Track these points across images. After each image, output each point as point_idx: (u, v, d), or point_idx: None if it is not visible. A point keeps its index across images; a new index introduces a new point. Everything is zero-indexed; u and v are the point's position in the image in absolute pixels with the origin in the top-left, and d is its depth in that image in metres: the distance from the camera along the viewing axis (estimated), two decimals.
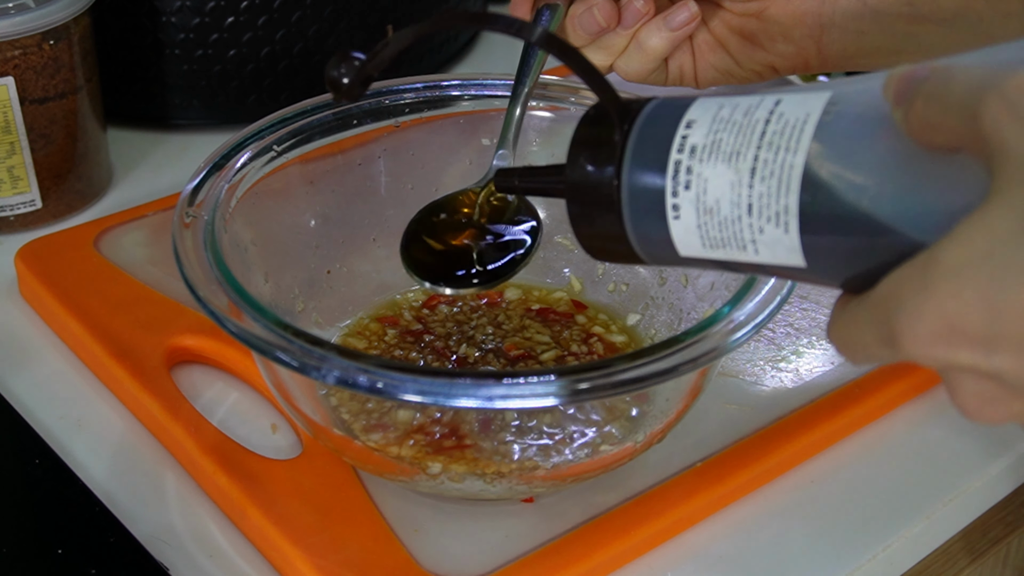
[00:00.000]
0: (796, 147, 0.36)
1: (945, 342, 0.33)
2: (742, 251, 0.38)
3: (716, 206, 0.38)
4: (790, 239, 0.37)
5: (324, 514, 0.52)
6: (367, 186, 0.61)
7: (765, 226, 0.37)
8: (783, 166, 0.36)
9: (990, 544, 0.64)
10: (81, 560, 0.51)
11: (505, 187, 0.49)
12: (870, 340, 0.36)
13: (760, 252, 0.38)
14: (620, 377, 0.45)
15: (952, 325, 0.33)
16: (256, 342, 0.46)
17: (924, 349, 0.34)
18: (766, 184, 0.37)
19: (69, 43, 0.68)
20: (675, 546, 0.53)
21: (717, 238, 0.38)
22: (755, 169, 0.37)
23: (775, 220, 0.37)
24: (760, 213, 0.37)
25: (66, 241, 0.67)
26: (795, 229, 0.37)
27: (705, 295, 0.58)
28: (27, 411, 0.59)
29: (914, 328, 0.34)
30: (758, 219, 0.37)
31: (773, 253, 0.38)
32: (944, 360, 0.34)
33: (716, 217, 0.38)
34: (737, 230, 0.38)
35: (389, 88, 0.61)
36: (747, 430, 0.58)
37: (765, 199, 0.37)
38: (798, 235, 0.37)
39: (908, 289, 0.34)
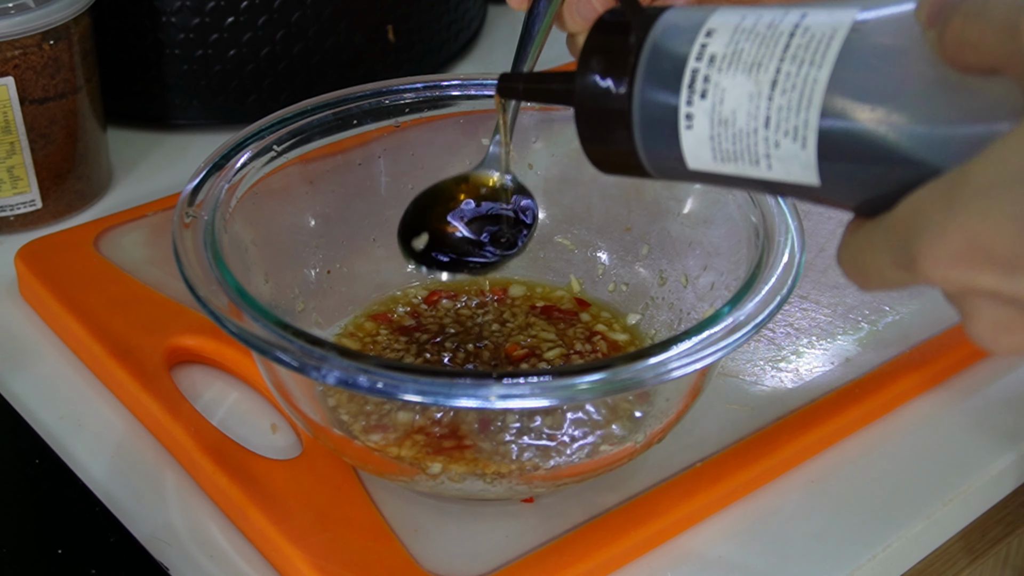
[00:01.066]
0: (821, 61, 0.35)
1: (967, 263, 0.32)
2: (754, 166, 0.37)
3: (732, 117, 0.37)
4: (807, 155, 0.36)
5: (324, 514, 0.52)
6: (367, 186, 0.61)
7: (782, 140, 0.36)
8: (806, 80, 0.36)
9: (990, 544, 0.64)
10: (81, 560, 0.51)
11: (509, 91, 0.48)
12: (885, 263, 0.35)
13: (773, 167, 0.37)
14: (620, 377, 0.45)
15: (977, 246, 0.32)
16: (256, 342, 0.46)
17: (945, 271, 0.33)
18: (787, 97, 0.36)
19: (69, 43, 0.68)
20: (675, 546, 0.53)
21: (730, 151, 0.38)
22: (776, 81, 0.36)
23: (793, 134, 0.36)
24: (778, 127, 0.36)
25: (66, 241, 0.67)
26: (813, 145, 0.36)
27: (705, 295, 0.58)
28: (27, 411, 0.59)
29: (936, 248, 0.33)
30: (775, 133, 0.36)
31: (787, 169, 0.37)
32: (965, 283, 0.33)
33: (731, 128, 0.37)
34: (752, 143, 0.37)
35: (389, 88, 0.61)
36: (747, 430, 0.58)
37: (784, 112, 0.36)
38: (815, 152, 0.36)
39: (932, 208, 0.33)
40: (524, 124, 0.63)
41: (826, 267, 0.69)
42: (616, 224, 0.63)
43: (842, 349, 0.63)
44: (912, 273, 0.34)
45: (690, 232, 0.60)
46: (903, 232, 0.34)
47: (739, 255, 0.55)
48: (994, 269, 0.32)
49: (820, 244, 0.70)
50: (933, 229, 0.33)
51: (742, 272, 0.53)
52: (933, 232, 0.33)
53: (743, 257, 0.54)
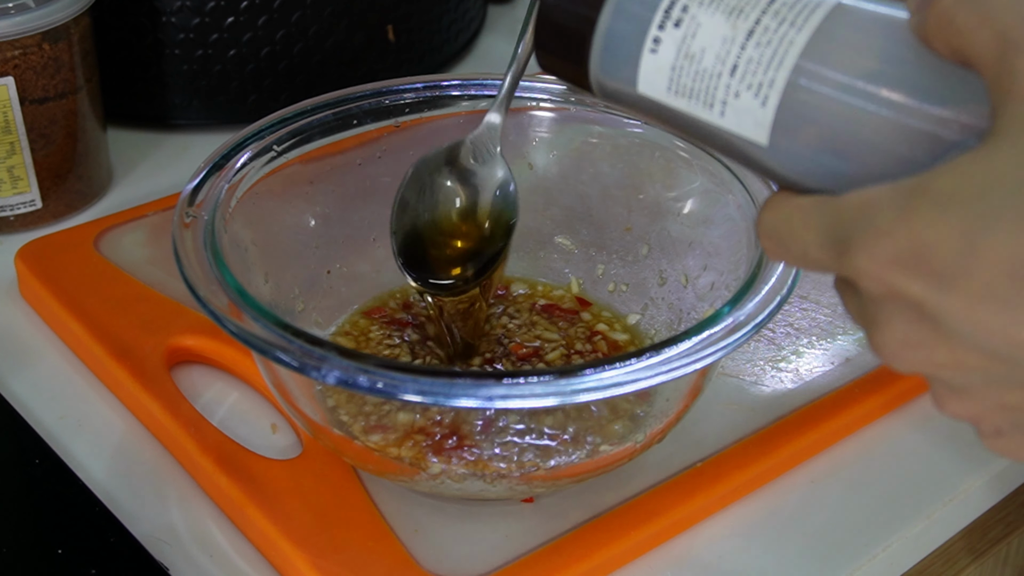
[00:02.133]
0: (802, 25, 0.35)
1: (903, 267, 0.32)
2: (707, 108, 0.37)
3: (700, 54, 0.37)
4: (764, 114, 0.36)
5: (324, 514, 0.52)
6: (367, 186, 0.61)
7: (743, 92, 0.36)
8: (783, 40, 0.36)
9: (990, 544, 0.64)
10: (81, 560, 0.51)
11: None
12: (812, 240, 0.35)
13: (726, 116, 0.37)
14: (620, 377, 0.45)
15: (920, 253, 0.32)
16: (256, 342, 0.46)
17: (880, 269, 0.33)
18: (760, 51, 0.36)
19: (69, 43, 0.68)
20: (675, 546, 0.53)
21: (687, 87, 0.37)
22: (753, 32, 0.36)
23: (756, 90, 0.36)
24: (743, 77, 0.36)
25: (66, 241, 0.67)
26: (773, 106, 0.36)
27: (705, 295, 0.58)
28: (27, 411, 0.59)
29: (878, 245, 0.33)
30: (739, 82, 0.36)
31: (739, 121, 0.37)
32: (895, 286, 0.33)
33: (695, 65, 0.37)
34: (712, 86, 0.37)
35: (389, 88, 0.61)
36: (747, 430, 0.58)
37: (753, 65, 0.36)
38: (774, 113, 0.36)
39: (886, 205, 0.33)
40: (523, 124, 0.63)
41: None
42: (616, 224, 0.63)
43: (842, 349, 0.63)
44: (839, 260, 0.34)
45: (690, 232, 0.60)
46: (846, 219, 0.34)
47: (739, 255, 0.55)
48: (929, 279, 0.32)
49: None
50: (881, 225, 0.33)
51: (742, 272, 0.53)
52: (880, 228, 0.33)
53: (743, 257, 0.54)
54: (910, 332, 0.34)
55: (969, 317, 0.32)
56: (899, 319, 0.34)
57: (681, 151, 0.60)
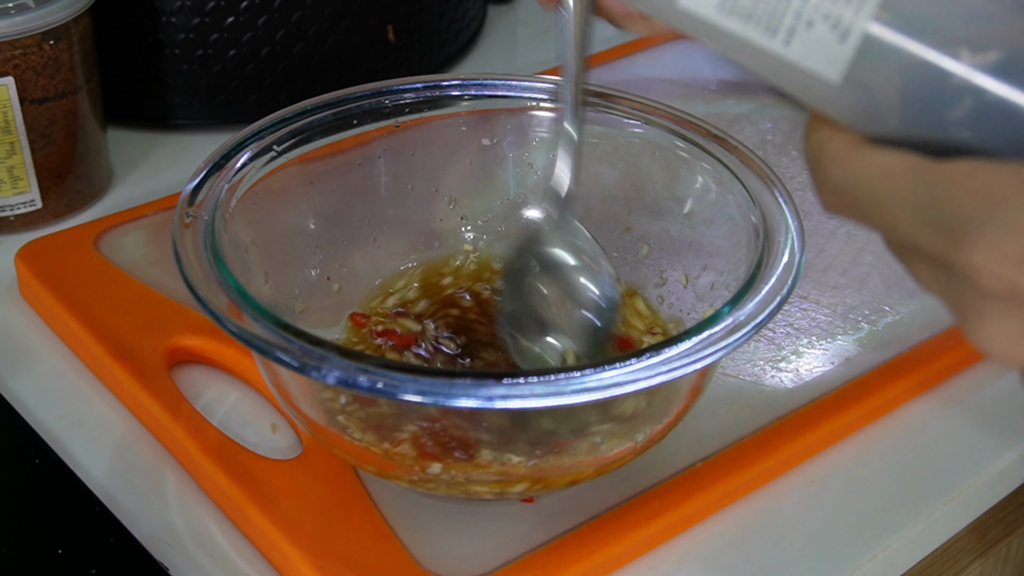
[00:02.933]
0: None
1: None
2: (767, 35, 0.32)
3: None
4: (841, 51, 0.31)
5: (324, 514, 0.52)
6: (367, 186, 0.61)
7: (818, 23, 0.31)
8: None
9: (990, 544, 0.64)
10: (81, 560, 0.51)
11: None
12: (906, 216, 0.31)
13: (791, 45, 0.31)
14: (620, 377, 0.45)
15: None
16: (256, 342, 0.46)
17: (1004, 268, 0.30)
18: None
19: (69, 43, 0.68)
20: (675, 546, 0.53)
21: (745, 8, 0.32)
22: None
23: (835, 23, 0.30)
24: (819, 6, 0.30)
25: (66, 241, 0.67)
26: (854, 44, 0.31)
27: (705, 295, 0.58)
28: (27, 411, 0.59)
29: (1007, 243, 0.29)
30: (815, 10, 0.31)
31: (808, 54, 0.31)
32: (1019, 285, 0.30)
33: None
34: (779, 10, 0.31)
35: (389, 88, 0.61)
36: (747, 430, 0.58)
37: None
38: (855, 50, 0.30)
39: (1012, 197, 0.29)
40: (524, 124, 0.63)
41: (826, 267, 0.69)
42: (616, 224, 0.63)
43: (842, 349, 0.63)
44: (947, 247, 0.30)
45: (690, 232, 0.60)
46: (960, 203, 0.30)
47: (739, 255, 0.55)
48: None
49: (820, 244, 0.70)
50: (1011, 221, 0.29)
51: (742, 272, 0.53)
52: (1010, 224, 0.29)
53: (743, 257, 0.54)
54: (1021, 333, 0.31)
55: None
56: (1015, 318, 0.31)
57: (681, 151, 0.60)
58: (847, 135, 0.32)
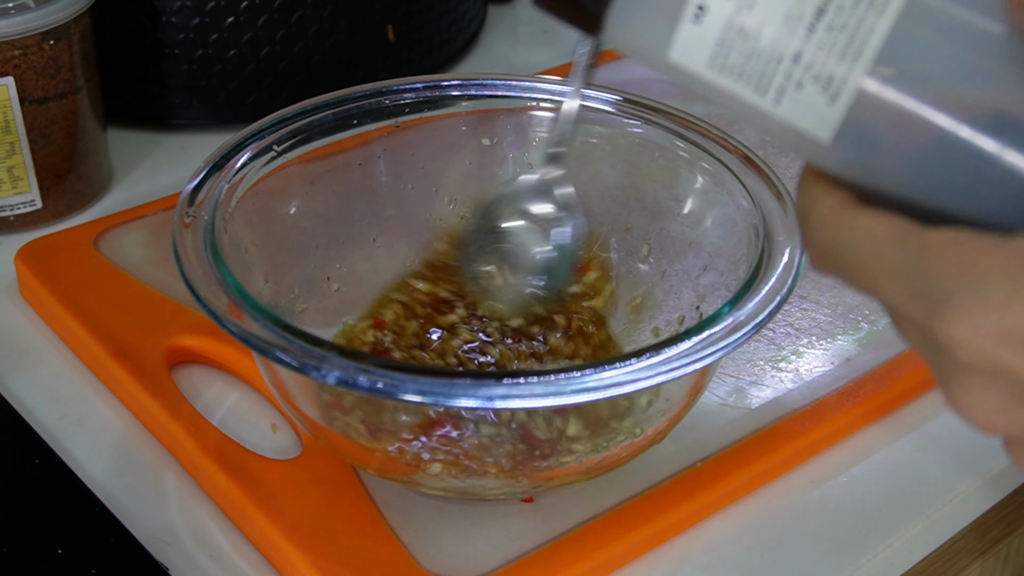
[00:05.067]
0: (885, 5, 0.29)
1: (1013, 346, 0.29)
2: (759, 93, 0.31)
3: (756, 33, 0.31)
4: (831, 112, 0.30)
5: (324, 514, 0.52)
6: (367, 186, 0.61)
7: (808, 84, 0.30)
8: (861, 24, 0.29)
9: (990, 544, 0.64)
10: (81, 560, 0.51)
11: None
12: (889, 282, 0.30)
13: (782, 104, 0.31)
14: (620, 377, 0.45)
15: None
16: (256, 342, 0.46)
17: (983, 343, 0.29)
18: (832, 36, 0.30)
19: (69, 43, 0.68)
20: (675, 546, 0.53)
21: (736, 67, 0.31)
22: (824, 11, 0.30)
23: (824, 84, 0.30)
24: (809, 67, 0.30)
25: (66, 241, 0.67)
26: (844, 105, 0.30)
27: (705, 295, 0.58)
28: (27, 411, 0.59)
29: (987, 318, 0.29)
30: (804, 72, 0.30)
31: (797, 114, 0.31)
32: (998, 362, 0.29)
33: (748, 44, 0.31)
34: (769, 71, 0.31)
35: (389, 88, 0.61)
36: (747, 430, 0.58)
37: (823, 54, 0.30)
38: (844, 113, 0.30)
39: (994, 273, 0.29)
40: (523, 124, 0.63)
41: None
42: (616, 224, 0.63)
43: (842, 349, 0.63)
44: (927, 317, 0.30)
45: (690, 232, 0.60)
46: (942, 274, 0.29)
47: (739, 255, 0.55)
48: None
49: None
50: (991, 297, 0.29)
51: (742, 272, 0.53)
52: (991, 301, 0.29)
53: (743, 257, 0.54)
54: (1006, 403, 0.30)
55: None
56: (995, 390, 0.30)
57: (681, 151, 0.60)
58: (837, 194, 0.32)
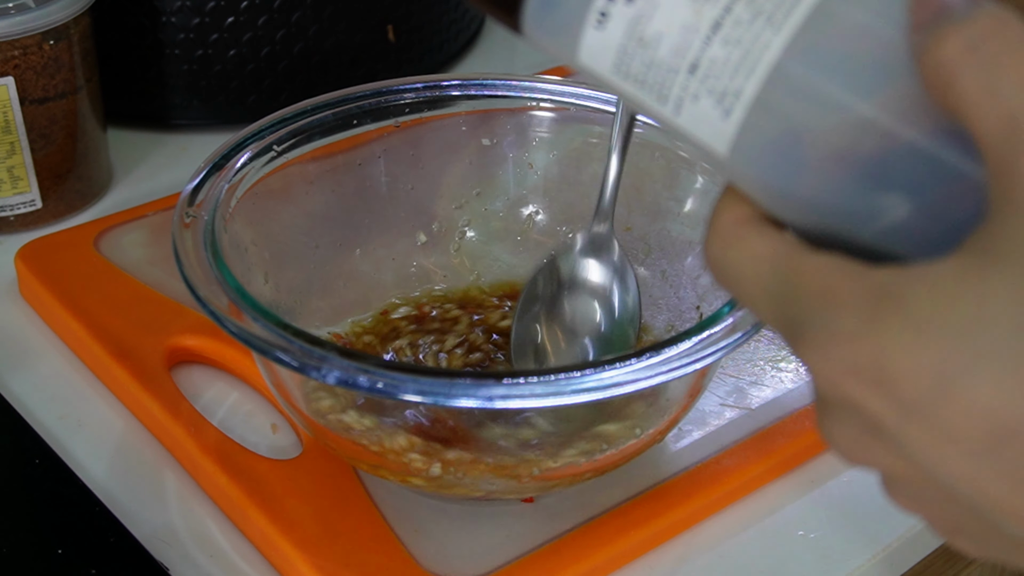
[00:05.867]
0: (782, 22, 0.29)
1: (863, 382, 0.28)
2: (660, 102, 0.31)
3: (654, 42, 0.30)
4: (725, 127, 0.30)
5: (324, 514, 0.52)
6: (367, 186, 0.61)
7: (703, 97, 0.30)
8: (756, 40, 0.29)
9: None
10: (81, 560, 0.51)
11: None
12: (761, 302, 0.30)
13: (682, 116, 0.31)
14: (620, 377, 0.45)
15: (883, 374, 0.28)
16: (256, 342, 0.46)
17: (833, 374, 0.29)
18: (727, 51, 0.29)
19: (69, 43, 0.68)
20: (675, 546, 0.53)
21: (638, 75, 0.31)
22: (720, 25, 0.29)
23: (718, 98, 0.30)
24: (704, 80, 0.30)
25: (66, 241, 0.67)
26: (737, 121, 0.30)
27: (705, 295, 0.58)
28: (27, 411, 0.59)
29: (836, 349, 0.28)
30: (699, 84, 0.30)
31: (696, 125, 0.31)
32: (849, 397, 0.29)
33: (649, 53, 0.30)
34: (667, 81, 0.30)
35: (389, 88, 0.61)
36: (747, 430, 0.58)
37: (718, 68, 0.29)
38: (738, 128, 0.30)
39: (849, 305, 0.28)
40: (523, 124, 0.63)
41: None
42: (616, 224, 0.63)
43: None
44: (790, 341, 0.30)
45: (690, 232, 0.60)
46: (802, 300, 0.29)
47: None
48: (891, 404, 0.28)
49: None
50: (842, 329, 0.28)
51: None
52: (841, 333, 0.28)
53: None
54: (863, 440, 0.30)
55: (934, 453, 0.28)
56: (851, 425, 0.30)
57: (681, 151, 0.60)
58: (740, 208, 0.32)
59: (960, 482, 0.28)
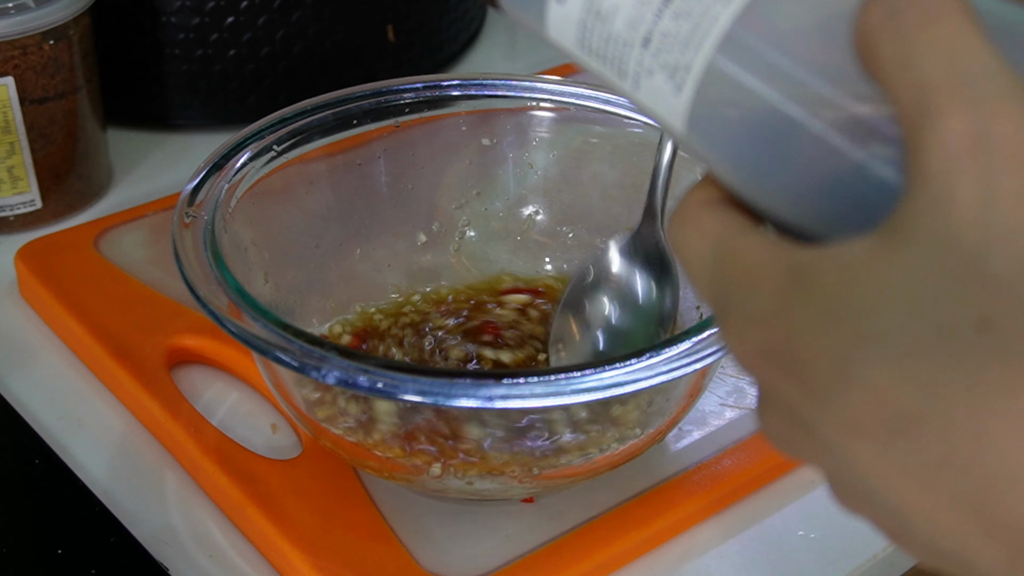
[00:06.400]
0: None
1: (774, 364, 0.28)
2: (621, 78, 0.31)
3: (611, 15, 0.30)
4: (678, 102, 0.30)
5: (324, 514, 0.52)
6: (367, 186, 0.61)
7: (657, 71, 0.30)
8: (706, 13, 0.29)
9: None
10: (81, 560, 0.51)
11: None
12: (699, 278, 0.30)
13: (640, 91, 0.31)
14: (620, 377, 0.45)
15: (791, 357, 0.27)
16: (256, 342, 0.46)
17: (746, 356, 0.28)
18: (677, 24, 0.29)
19: (69, 43, 0.68)
20: (675, 546, 0.53)
21: (598, 50, 0.31)
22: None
23: (670, 72, 0.29)
24: (657, 54, 0.29)
25: (66, 241, 0.67)
26: (689, 95, 0.29)
27: None
28: (27, 411, 0.59)
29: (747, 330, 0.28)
30: (652, 59, 0.30)
31: (653, 101, 0.30)
32: (763, 379, 0.28)
33: (606, 27, 0.30)
34: (624, 55, 0.30)
35: (389, 88, 0.61)
36: (747, 430, 0.58)
37: (669, 42, 0.29)
38: (690, 103, 0.29)
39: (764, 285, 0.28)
40: (524, 124, 0.63)
41: None
42: (616, 224, 0.63)
43: None
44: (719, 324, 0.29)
45: None
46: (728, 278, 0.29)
47: None
48: (801, 388, 0.27)
49: None
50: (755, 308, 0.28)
51: None
52: (753, 313, 0.28)
53: None
54: (789, 431, 0.29)
55: (844, 445, 0.27)
56: (774, 410, 0.29)
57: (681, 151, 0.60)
58: (709, 191, 0.31)
59: (871, 478, 0.27)
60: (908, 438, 0.25)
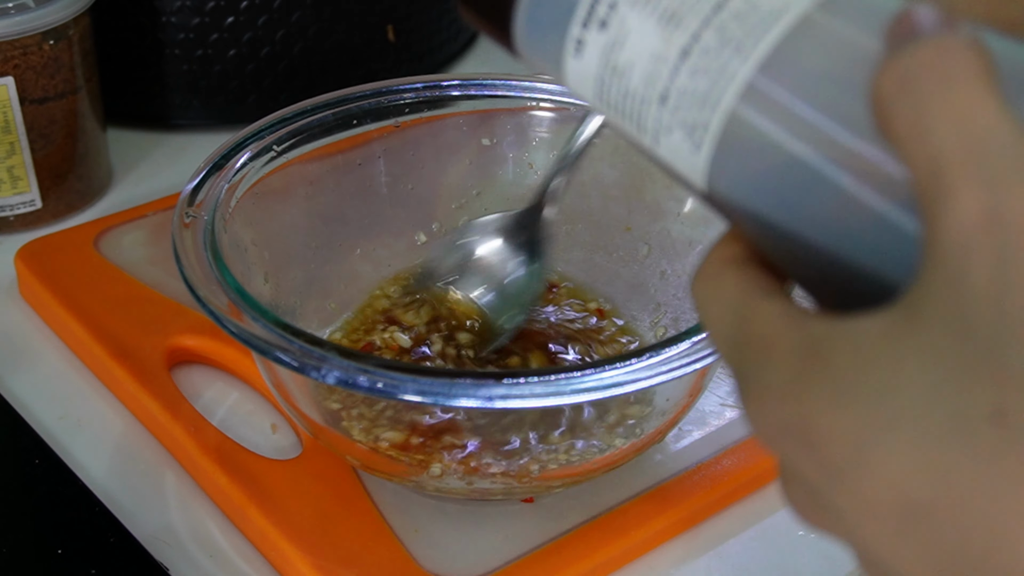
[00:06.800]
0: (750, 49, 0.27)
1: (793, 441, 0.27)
2: (641, 133, 0.30)
3: (627, 70, 0.29)
4: (697, 160, 0.29)
5: (324, 514, 0.52)
6: (367, 186, 0.61)
7: (675, 129, 0.29)
8: (724, 70, 0.28)
9: None
10: (81, 560, 0.51)
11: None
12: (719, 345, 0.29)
13: (660, 147, 0.30)
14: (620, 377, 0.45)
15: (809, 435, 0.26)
16: (256, 342, 0.46)
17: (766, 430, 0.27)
18: (694, 81, 0.28)
19: (69, 43, 0.68)
20: (675, 546, 0.53)
21: (616, 104, 0.30)
22: (689, 53, 0.28)
23: (688, 131, 0.29)
24: (675, 111, 0.29)
25: (66, 241, 0.67)
26: (708, 153, 0.29)
27: None
28: (27, 411, 0.59)
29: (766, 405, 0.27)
30: (671, 116, 0.29)
31: (674, 157, 0.30)
32: (783, 455, 0.28)
33: (623, 82, 0.30)
34: (643, 112, 0.30)
35: (389, 88, 0.61)
36: (747, 430, 0.58)
37: (686, 99, 0.28)
38: (709, 161, 0.29)
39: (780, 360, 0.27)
40: (523, 124, 0.63)
41: None
42: (616, 224, 0.63)
43: None
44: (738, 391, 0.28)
45: (690, 232, 0.60)
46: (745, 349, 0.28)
47: None
48: (820, 467, 0.26)
49: None
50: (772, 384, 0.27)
51: None
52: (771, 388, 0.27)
53: None
54: (808, 504, 0.28)
55: (860, 524, 0.27)
56: (794, 486, 0.28)
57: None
58: (732, 247, 0.30)
59: (890, 561, 0.26)
60: (923, 526, 0.25)
